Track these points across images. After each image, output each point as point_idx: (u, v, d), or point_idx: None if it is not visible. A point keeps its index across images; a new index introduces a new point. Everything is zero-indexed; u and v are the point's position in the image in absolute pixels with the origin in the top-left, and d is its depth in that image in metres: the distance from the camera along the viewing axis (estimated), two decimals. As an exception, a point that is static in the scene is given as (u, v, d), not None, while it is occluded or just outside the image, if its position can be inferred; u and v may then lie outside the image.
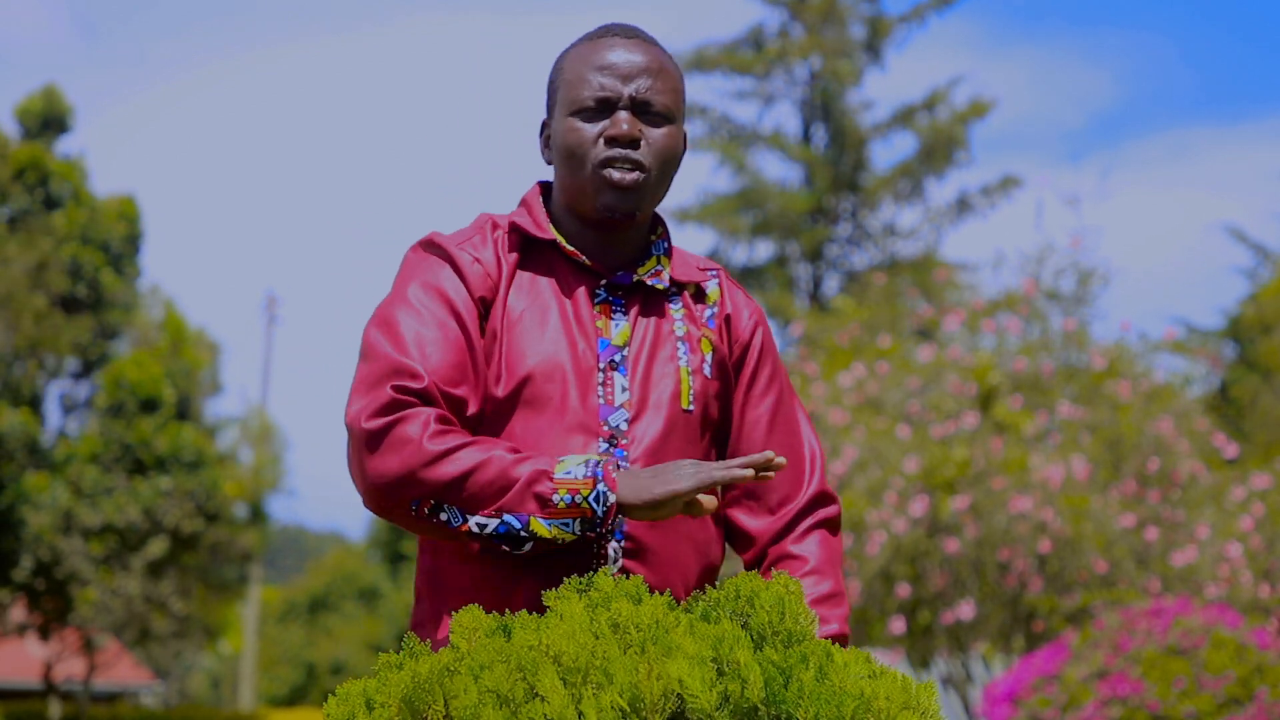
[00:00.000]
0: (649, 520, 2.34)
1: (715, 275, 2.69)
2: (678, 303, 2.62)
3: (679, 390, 2.54)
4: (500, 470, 2.33)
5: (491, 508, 2.33)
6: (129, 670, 33.35)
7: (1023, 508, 11.09)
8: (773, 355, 2.70)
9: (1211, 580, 11.37)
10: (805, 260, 28.16)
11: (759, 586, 2.00)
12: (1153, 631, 9.26)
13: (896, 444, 11.78)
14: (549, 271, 2.57)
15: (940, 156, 27.43)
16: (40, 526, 19.94)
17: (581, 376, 2.49)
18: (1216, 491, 12.27)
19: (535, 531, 2.33)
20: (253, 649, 33.97)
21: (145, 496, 20.51)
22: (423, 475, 2.34)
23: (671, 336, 2.58)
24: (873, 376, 12.89)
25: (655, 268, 2.60)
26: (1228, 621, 9.32)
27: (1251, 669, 8.85)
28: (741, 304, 2.69)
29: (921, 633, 11.86)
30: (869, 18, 28.36)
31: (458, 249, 2.53)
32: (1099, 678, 9.13)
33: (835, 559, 2.62)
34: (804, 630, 1.97)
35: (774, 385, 2.68)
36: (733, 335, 2.65)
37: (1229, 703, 8.76)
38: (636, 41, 2.58)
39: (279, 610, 45.62)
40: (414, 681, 1.86)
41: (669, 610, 1.95)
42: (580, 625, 1.85)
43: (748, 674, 1.76)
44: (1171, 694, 8.78)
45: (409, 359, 2.41)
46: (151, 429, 20.80)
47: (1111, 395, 12.60)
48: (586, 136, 2.52)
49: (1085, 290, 14.36)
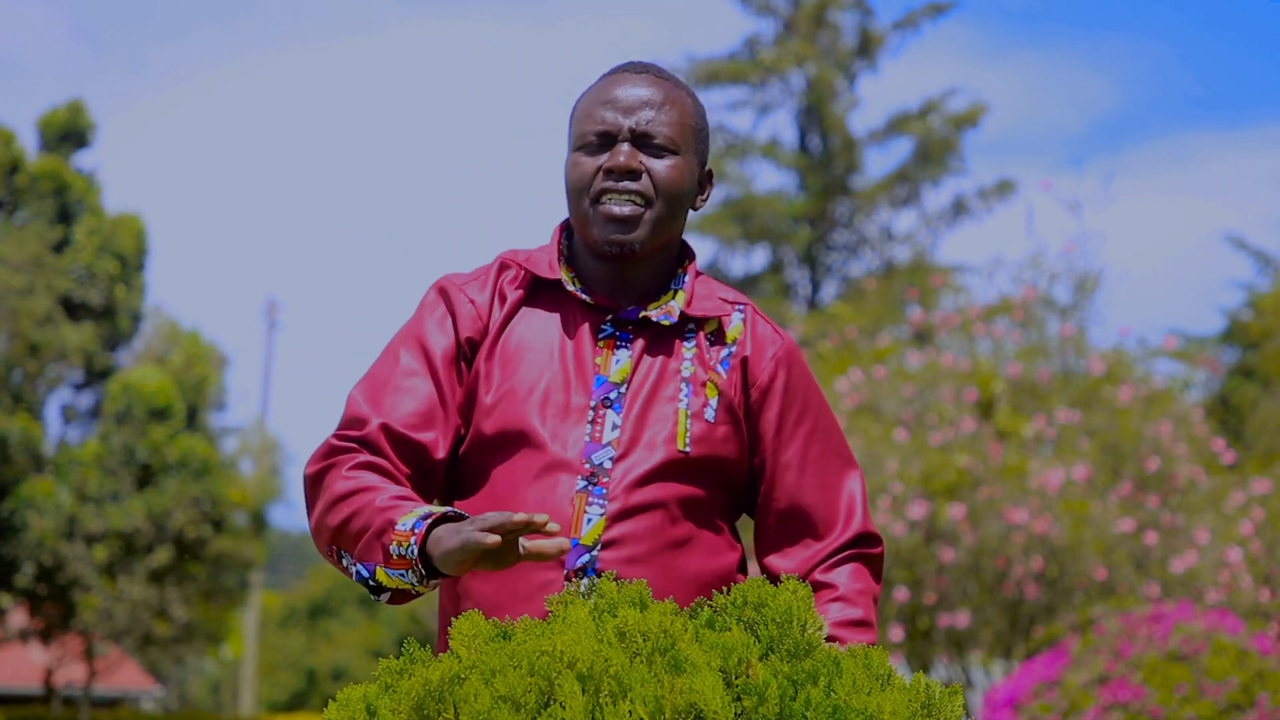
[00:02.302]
0: (460, 573, 2.24)
1: (741, 310, 2.61)
2: (691, 341, 2.54)
3: (675, 432, 2.48)
4: (367, 518, 2.34)
5: (354, 555, 2.36)
6: (130, 675, 33.30)
7: (1019, 519, 11.05)
8: (801, 395, 2.60)
9: (1211, 585, 11.33)
10: (802, 266, 28.25)
11: (767, 594, 1.95)
12: (1153, 637, 9.22)
13: (894, 449, 11.74)
14: (556, 308, 2.54)
15: (935, 162, 27.57)
16: (43, 531, 19.89)
17: (568, 413, 2.46)
18: (1216, 496, 12.22)
19: (380, 581, 2.33)
20: (253, 654, 33.92)
21: (151, 502, 20.48)
22: (324, 524, 2.40)
23: (676, 376, 2.51)
24: (870, 382, 12.86)
25: (668, 303, 2.54)
26: (1229, 627, 9.28)
27: (1253, 675, 8.81)
28: (767, 343, 2.59)
29: (920, 638, 11.82)
30: (862, 26, 28.46)
31: (457, 291, 2.55)
32: (1100, 683, 9.09)
33: (867, 591, 2.55)
34: (811, 639, 1.92)
35: (803, 426, 2.58)
36: (750, 378, 2.56)
37: (1230, 709, 8.72)
38: (646, 76, 2.56)
39: (280, 616, 45.58)
40: (425, 689, 1.83)
41: (675, 617, 1.90)
42: (587, 632, 1.80)
43: (765, 689, 1.72)
44: (1173, 700, 8.74)
45: (364, 410, 2.46)
46: (162, 437, 20.79)
47: (1110, 400, 12.56)
48: (587, 170, 2.51)
49: (1083, 296, 14.32)
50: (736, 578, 2.53)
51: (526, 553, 2.20)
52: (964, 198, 27.81)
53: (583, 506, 2.42)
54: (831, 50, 28.14)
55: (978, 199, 27.76)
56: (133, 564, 20.57)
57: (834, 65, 28.05)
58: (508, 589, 2.42)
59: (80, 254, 21.17)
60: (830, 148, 28.03)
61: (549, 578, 2.40)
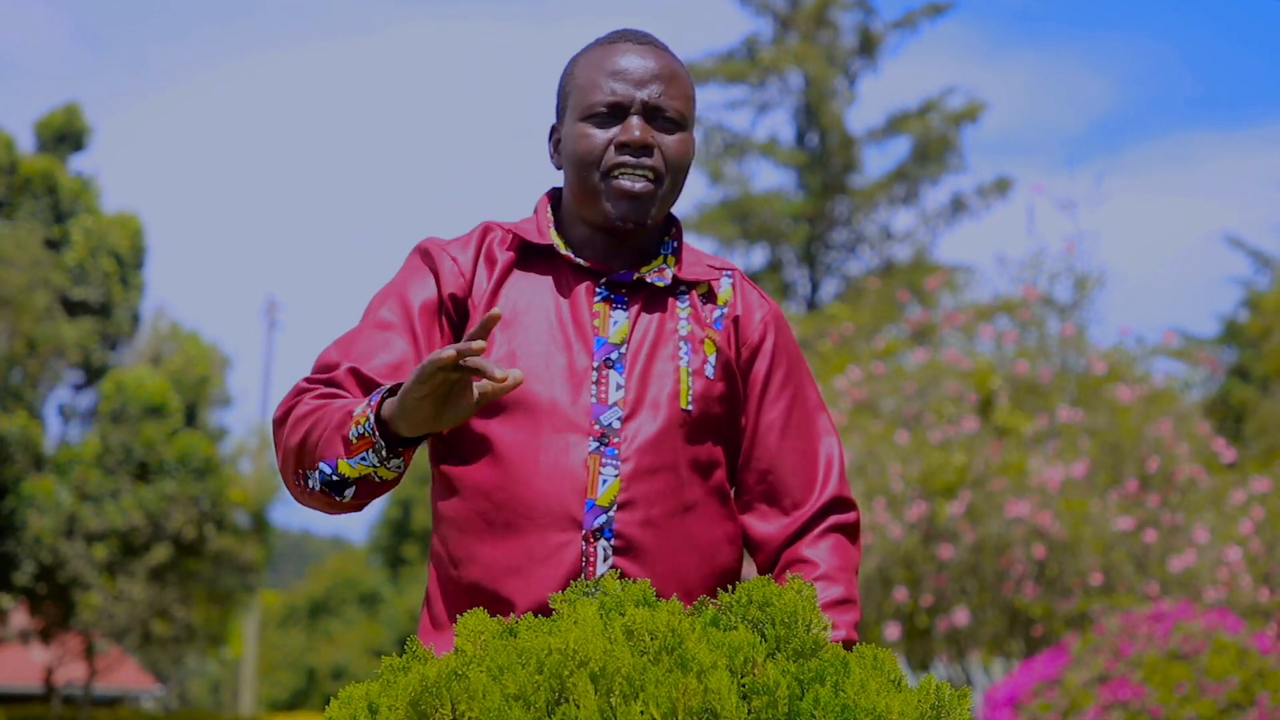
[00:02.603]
0: (429, 430, 2.23)
1: (730, 275, 2.62)
2: (685, 302, 2.55)
3: (678, 390, 2.48)
4: (326, 421, 2.31)
5: (317, 460, 2.32)
6: (130, 675, 33.29)
7: (1020, 512, 11.04)
8: (787, 358, 2.63)
9: (1210, 584, 11.32)
10: (801, 265, 28.27)
11: (772, 593, 1.93)
12: (1153, 636, 9.21)
13: (893, 448, 11.73)
14: (548, 272, 2.53)
15: (934, 160, 27.59)
16: (42, 529, 19.87)
17: (573, 375, 2.45)
18: (1216, 495, 12.21)
19: (343, 473, 2.30)
20: (253, 654, 33.91)
21: (149, 501, 20.46)
22: (288, 448, 2.37)
23: (674, 335, 2.52)
24: (869, 380, 12.85)
25: (660, 266, 2.55)
26: (1228, 626, 9.27)
27: (1253, 674, 8.80)
28: (755, 306, 2.62)
29: (920, 637, 11.81)
30: (862, 25, 28.47)
31: (439, 250, 2.53)
32: (1100, 682, 9.08)
33: (848, 565, 2.56)
34: (818, 638, 1.90)
35: (788, 388, 2.61)
36: (741, 337, 2.58)
37: (1231, 708, 8.71)
38: (649, 47, 2.53)
39: (280, 615, 45.57)
40: (421, 684, 1.81)
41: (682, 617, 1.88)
42: (595, 630, 1.79)
43: (775, 689, 1.70)
44: (1173, 699, 8.73)
45: (334, 357, 2.45)
46: (158, 435, 20.77)
47: (1110, 399, 12.55)
48: (598, 142, 2.48)
49: (1082, 295, 14.31)
50: (736, 549, 2.55)
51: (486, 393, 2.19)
52: (962, 196, 27.84)
53: (597, 468, 2.42)
54: (831, 49, 28.17)
55: (976, 197, 27.80)
56: (132, 563, 20.55)
57: (833, 64, 28.08)
58: (522, 551, 2.40)
59: (76, 252, 21.17)
60: (829, 146, 28.06)
61: (566, 539, 2.39)
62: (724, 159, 28.07)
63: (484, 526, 2.43)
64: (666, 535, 2.43)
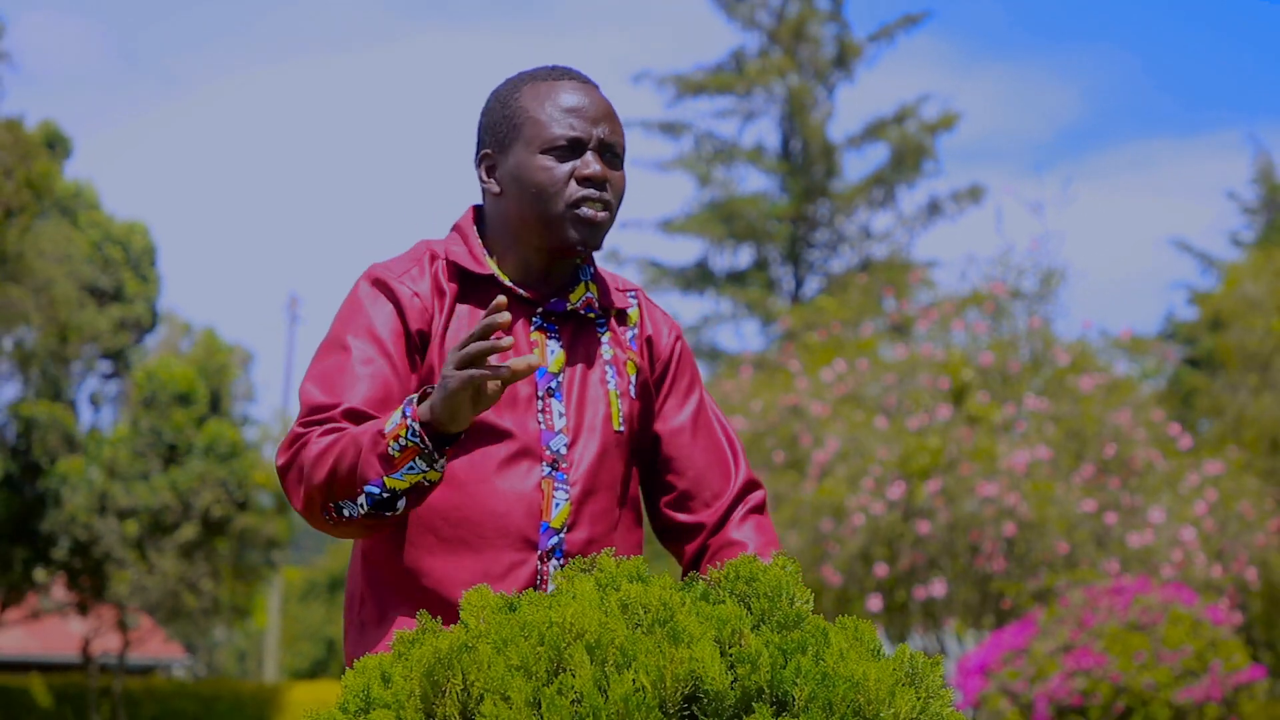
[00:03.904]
0: (469, 421, 2.24)
1: (634, 295, 2.65)
2: (604, 327, 2.58)
3: (610, 413, 2.52)
4: (354, 449, 2.29)
5: (356, 486, 2.29)
6: (161, 645, 33.30)
7: (990, 493, 11.06)
8: (690, 364, 2.68)
9: (1167, 561, 11.34)
10: (785, 263, 28.32)
11: (758, 569, 1.94)
12: (1114, 609, 9.23)
13: (875, 434, 11.74)
14: (486, 302, 2.51)
15: (910, 165, 27.64)
16: (75, 507, 19.88)
17: (521, 403, 2.46)
18: (1172, 478, 12.23)
19: (393, 488, 2.28)
20: (276, 626, 33.93)
21: (179, 481, 20.47)
22: (312, 487, 2.33)
23: (600, 361, 2.54)
24: (853, 372, 12.86)
25: (585, 295, 2.56)
26: (1184, 599, 9.30)
27: (1206, 643, 8.83)
28: (661, 323, 2.66)
29: (898, 609, 11.83)
30: (839, 38, 28.48)
31: (398, 283, 2.48)
32: (1064, 651, 9.09)
33: (770, 541, 2.61)
34: (800, 611, 1.90)
35: (692, 392, 2.66)
36: (654, 354, 2.62)
37: (1185, 674, 8.73)
38: (590, 86, 2.56)
39: (301, 589, 45.59)
40: (435, 656, 1.81)
41: (674, 591, 1.89)
42: (592, 604, 1.79)
43: (758, 658, 1.71)
44: (1132, 667, 8.74)
45: (322, 399, 2.40)
46: (186, 421, 20.77)
47: (1073, 388, 12.56)
48: (559, 175, 2.48)
49: (1048, 289, 14.33)
50: (641, 553, 2.57)
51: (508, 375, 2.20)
52: (937, 200, 27.90)
53: (550, 492, 2.44)
54: (811, 61, 28.18)
55: (950, 201, 27.85)
56: (161, 540, 20.56)
57: (813, 76, 28.11)
58: (479, 568, 2.40)
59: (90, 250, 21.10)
60: (810, 153, 28.09)
61: (522, 558, 2.41)
62: (713, 164, 28.13)
63: (434, 541, 2.43)
64: (612, 538, 2.49)
